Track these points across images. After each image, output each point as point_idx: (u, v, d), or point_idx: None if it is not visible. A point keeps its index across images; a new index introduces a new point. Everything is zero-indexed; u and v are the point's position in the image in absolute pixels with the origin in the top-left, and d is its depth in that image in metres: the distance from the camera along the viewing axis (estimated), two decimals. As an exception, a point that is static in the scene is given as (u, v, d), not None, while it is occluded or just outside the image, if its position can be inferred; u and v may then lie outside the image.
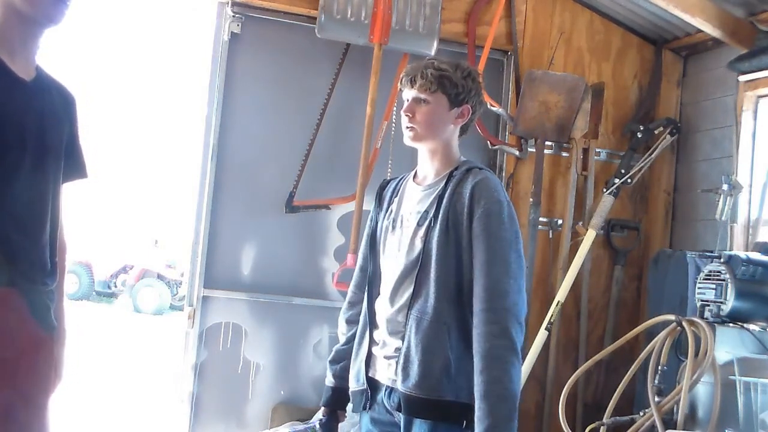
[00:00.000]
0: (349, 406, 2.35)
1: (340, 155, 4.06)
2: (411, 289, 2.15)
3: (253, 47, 4.02)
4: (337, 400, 2.35)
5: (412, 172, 2.34)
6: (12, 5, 1.79)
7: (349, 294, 2.42)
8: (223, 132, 3.95)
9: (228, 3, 3.93)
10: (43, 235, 1.89)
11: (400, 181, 2.37)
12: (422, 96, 2.18)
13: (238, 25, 3.96)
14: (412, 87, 2.19)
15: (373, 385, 2.22)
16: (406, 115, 2.20)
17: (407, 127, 2.20)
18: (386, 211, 2.32)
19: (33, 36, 1.85)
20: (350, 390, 2.29)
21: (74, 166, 2.05)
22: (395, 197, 2.32)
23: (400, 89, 2.25)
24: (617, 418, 3.09)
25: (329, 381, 2.38)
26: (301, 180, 3.99)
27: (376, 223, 2.35)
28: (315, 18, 3.86)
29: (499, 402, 1.99)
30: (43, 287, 1.90)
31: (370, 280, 2.30)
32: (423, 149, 2.26)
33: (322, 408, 2.39)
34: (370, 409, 2.23)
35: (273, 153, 4.03)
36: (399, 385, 2.12)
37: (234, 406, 3.96)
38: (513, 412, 2.01)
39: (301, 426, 3.79)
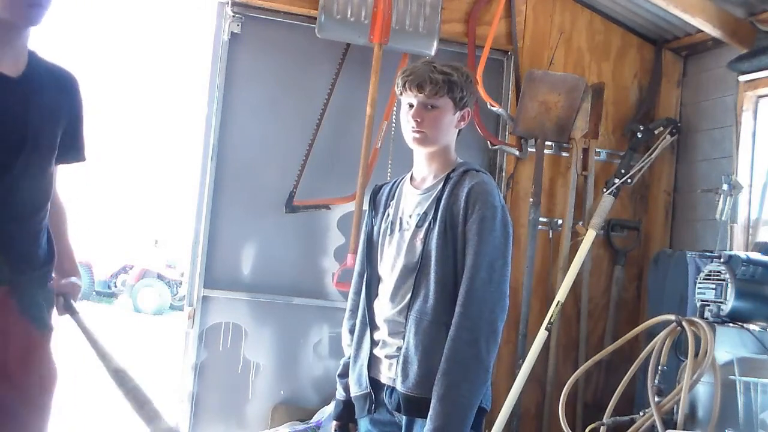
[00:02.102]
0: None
1: (340, 155, 4.06)
2: (411, 291, 2.16)
3: (253, 47, 4.02)
4: (350, 413, 2.33)
5: (408, 175, 2.33)
6: None
7: (350, 302, 2.40)
8: (223, 132, 3.95)
9: (228, 3, 3.93)
10: (32, 226, 1.92)
11: (394, 184, 2.36)
12: (431, 102, 2.17)
13: (238, 25, 3.96)
14: (420, 92, 2.16)
15: (375, 386, 2.22)
16: (415, 120, 2.18)
17: (416, 132, 2.18)
18: (383, 215, 2.31)
19: (16, 36, 1.88)
20: (352, 395, 2.28)
21: (72, 150, 2.09)
22: (391, 200, 2.32)
23: (400, 93, 2.23)
24: (617, 418, 3.09)
25: (340, 394, 2.36)
26: (301, 180, 3.99)
27: (372, 227, 2.35)
28: (315, 18, 3.86)
29: (455, 407, 2.01)
30: (37, 275, 1.93)
31: (368, 283, 2.30)
32: (423, 152, 2.24)
33: (334, 422, 2.38)
34: (375, 412, 2.22)
35: (273, 153, 4.03)
36: (399, 386, 2.13)
37: (234, 406, 3.96)
38: (466, 419, 2.03)
39: (301, 426, 3.82)
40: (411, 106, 2.19)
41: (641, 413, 2.98)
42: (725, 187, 3.64)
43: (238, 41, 3.99)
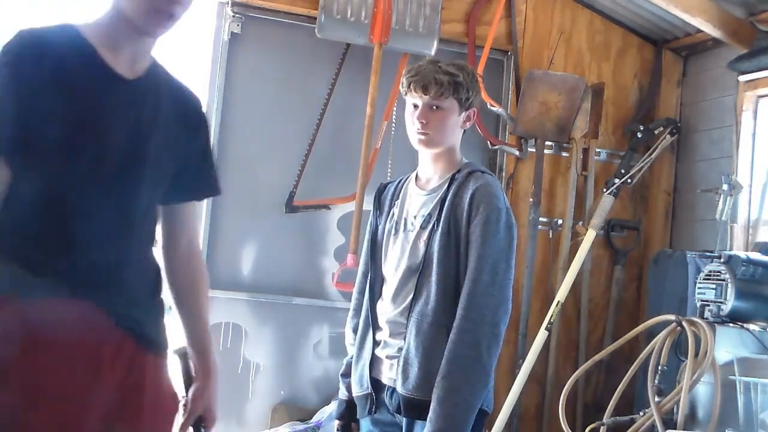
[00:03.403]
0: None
1: (340, 155, 4.06)
2: (413, 292, 2.15)
3: (253, 47, 4.01)
4: (351, 413, 2.33)
5: (413, 175, 2.32)
6: (120, 8, 1.67)
7: (354, 302, 2.40)
8: (223, 132, 3.95)
9: (228, 3, 3.93)
10: (120, 248, 1.71)
11: (399, 184, 2.35)
12: (436, 103, 2.16)
13: (238, 25, 3.95)
14: (425, 94, 2.15)
15: (376, 386, 2.22)
16: (420, 122, 2.17)
17: (421, 133, 2.17)
18: (387, 215, 2.31)
19: (138, 39, 1.71)
20: (354, 395, 2.29)
21: (203, 180, 1.92)
22: (396, 200, 2.31)
23: (404, 93, 2.21)
24: (617, 418, 3.09)
25: (342, 394, 2.37)
26: (301, 180, 3.99)
27: (377, 227, 2.35)
28: (315, 18, 3.86)
29: (455, 410, 2.01)
30: (139, 301, 1.80)
31: (372, 283, 2.30)
32: (428, 153, 2.23)
33: (336, 421, 2.38)
34: (376, 413, 2.22)
35: (273, 153, 4.02)
36: (399, 387, 2.13)
37: (234, 406, 3.95)
38: (466, 422, 2.03)
39: (301, 426, 3.82)
40: (416, 106, 2.18)
41: (641, 413, 2.98)
42: (725, 187, 3.64)
43: (238, 41, 3.98)
